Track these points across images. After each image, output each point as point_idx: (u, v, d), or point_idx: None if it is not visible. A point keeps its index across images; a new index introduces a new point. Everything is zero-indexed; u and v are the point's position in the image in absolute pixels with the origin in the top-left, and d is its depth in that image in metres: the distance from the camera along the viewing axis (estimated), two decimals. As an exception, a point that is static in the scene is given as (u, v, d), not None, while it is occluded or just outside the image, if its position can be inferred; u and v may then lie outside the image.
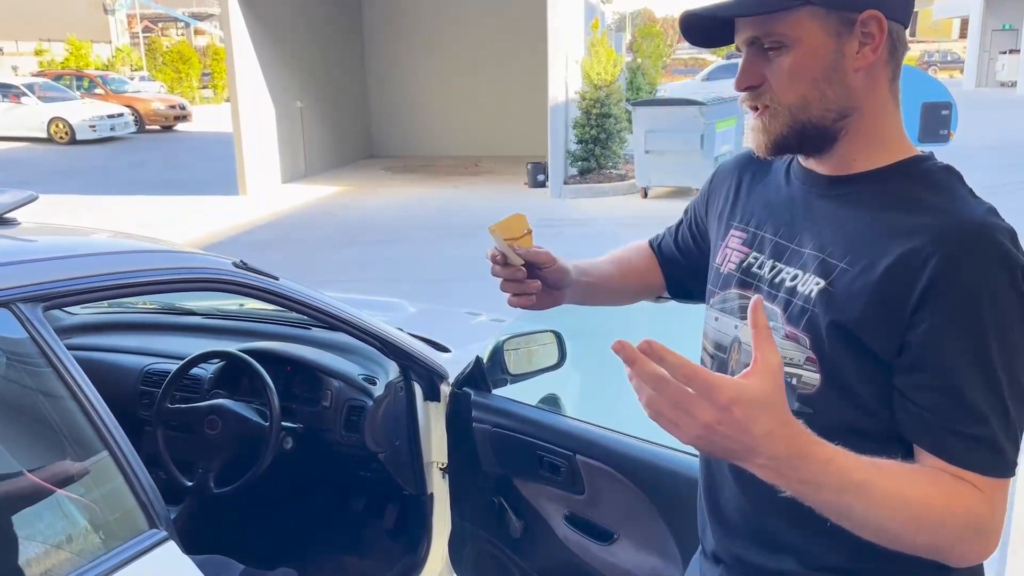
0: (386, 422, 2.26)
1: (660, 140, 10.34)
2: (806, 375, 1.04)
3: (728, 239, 1.23)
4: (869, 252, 1.00)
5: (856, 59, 1.02)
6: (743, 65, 1.08)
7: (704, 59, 41.43)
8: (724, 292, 1.20)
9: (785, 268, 1.10)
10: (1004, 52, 29.15)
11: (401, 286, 6.94)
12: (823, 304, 1.02)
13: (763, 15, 1.02)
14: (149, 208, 10.86)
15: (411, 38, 15.63)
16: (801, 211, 1.12)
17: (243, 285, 1.86)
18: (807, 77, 1.03)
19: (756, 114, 1.08)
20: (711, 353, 1.21)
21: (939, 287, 0.94)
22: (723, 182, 1.31)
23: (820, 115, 1.04)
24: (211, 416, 2.19)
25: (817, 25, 1.01)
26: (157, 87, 28.57)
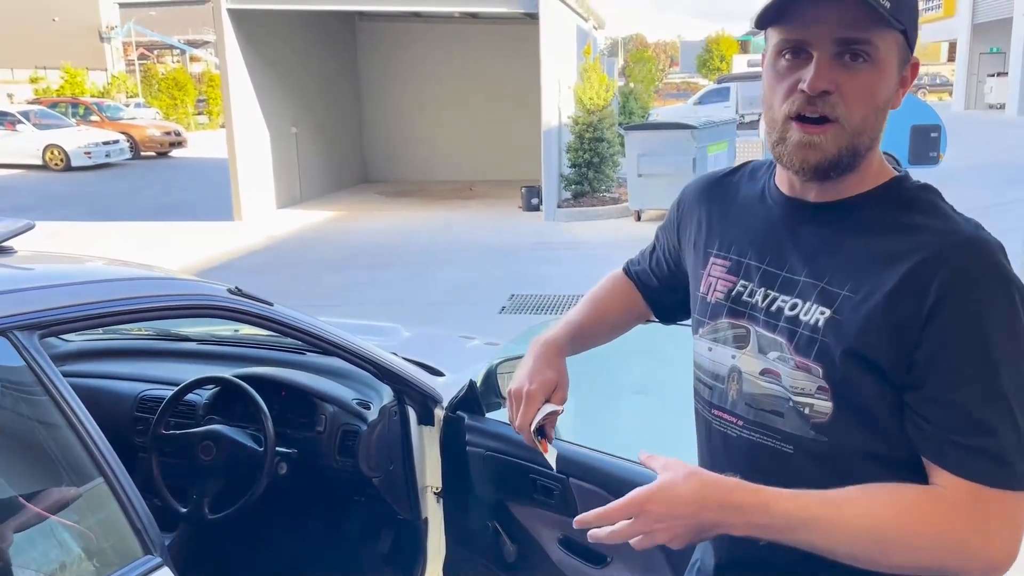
0: (380, 447, 2.27)
1: (653, 164, 10.42)
2: (818, 404, 1.05)
3: (710, 267, 1.22)
4: (870, 278, 1.01)
5: (895, 96, 1.05)
6: (821, 64, 0.99)
7: (696, 83, 41.79)
8: (714, 322, 1.19)
9: (780, 296, 1.10)
10: (992, 75, 29.46)
11: (396, 310, 6.95)
12: (834, 333, 1.03)
13: (869, 22, 0.97)
14: (145, 234, 10.87)
15: (405, 63, 15.76)
16: (787, 237, 1.12)
17: (238, 311, 1.88)
18: (876, 102, 1.02)
19: (811, 128, 1.02)
20: (707, 383, 1.21)
21: (944, 305, 0.96)
22: (692, 208, 1.30)
23: (864, 143, 1.04)
24: (205, 442, 2.19)
25: (897, 54, 1.02)
26: (152, 114, 28.69)
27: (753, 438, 1.13)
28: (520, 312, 6.81)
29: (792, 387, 1.07)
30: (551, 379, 1.30)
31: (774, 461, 1.10)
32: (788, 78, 1.03)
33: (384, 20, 15.33)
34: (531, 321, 6.48)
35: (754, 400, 1.12)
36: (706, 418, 1.22)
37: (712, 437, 1.21)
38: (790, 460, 1.09)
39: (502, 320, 6.60)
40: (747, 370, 1.13)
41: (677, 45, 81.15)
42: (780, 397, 1.08)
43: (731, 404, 1.16)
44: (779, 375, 1.08)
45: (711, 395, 1.20)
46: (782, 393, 1.08)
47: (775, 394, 1.09)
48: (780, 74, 1.05)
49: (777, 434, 1.09)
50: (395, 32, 15.59)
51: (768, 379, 1.10)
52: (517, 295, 7.27)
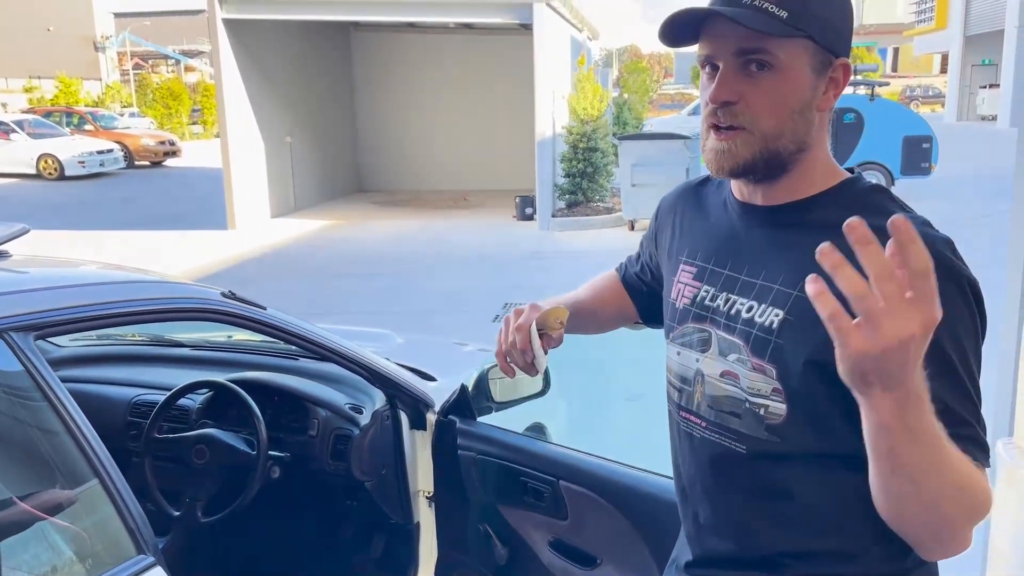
0: (372, 451, 2.28)
1: (646, 173, 10.46)
2: (773, 405, 1.07)
3: (679, 274, 1.25)
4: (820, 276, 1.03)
5: (822, 100, 1.08)
6: (724, 77, 1.05)
7: (690, 94, 41.95)
8: (682, 327, 1.22)
9: (739, 299, 1.13)
10: (984, 87, 29.65)
11: (389, 318, 6.96)
12: (788, 334, 1.05)
13: (763, 32, 1.01)
14: (139, 242, 10.87)
15: (400, 73, 15.81)
16: (745, 243, 1.15)
17: (231, 315, 1.89)
18: (786, 106, 1.06)
19: (722, 135, 1.07)
20: (677, 386, 1.24)
21: None
22: (667, 216, 1.35)
23: (785, 146, 1.07)
24: (199, 446, 2.21)
25: (806, 59, 1.05)
26: (147, 123, 28.69)
27: (713, 439, 1.16)
28: (514, 320, 6.82)
29: (749, 388, 1.09)
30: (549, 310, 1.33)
31: (730, 461, 1.13)
32: (706, 91, 1.09)
33: (379, 30, 15.40)
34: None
35: (715, 402, 1.15)
36: (676, 420, 1.25)
37: (680, 438, 1.24)
38: (744, 460, 1.12)
39: (496, 328, 6.55)
40: (709, 373, 1.16)
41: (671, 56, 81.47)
42: (738, 399, 1.11)
43: (696, 406, 1.19)
44: (737, 377, 1.11)
45: (680, 398, 1.23)
46: (739, 395, 1.11)
47: (733, 396, 1.12)
48: (703, 87, 1.11)
49: (734, 435, 1.12)
50: (390, 42, 15.66)
51: (727, 381, 1.13)
52: (511, 303, 7.28)
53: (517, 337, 1.29)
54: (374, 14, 12.33)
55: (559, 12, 12.37)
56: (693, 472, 1.22)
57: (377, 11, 12.05)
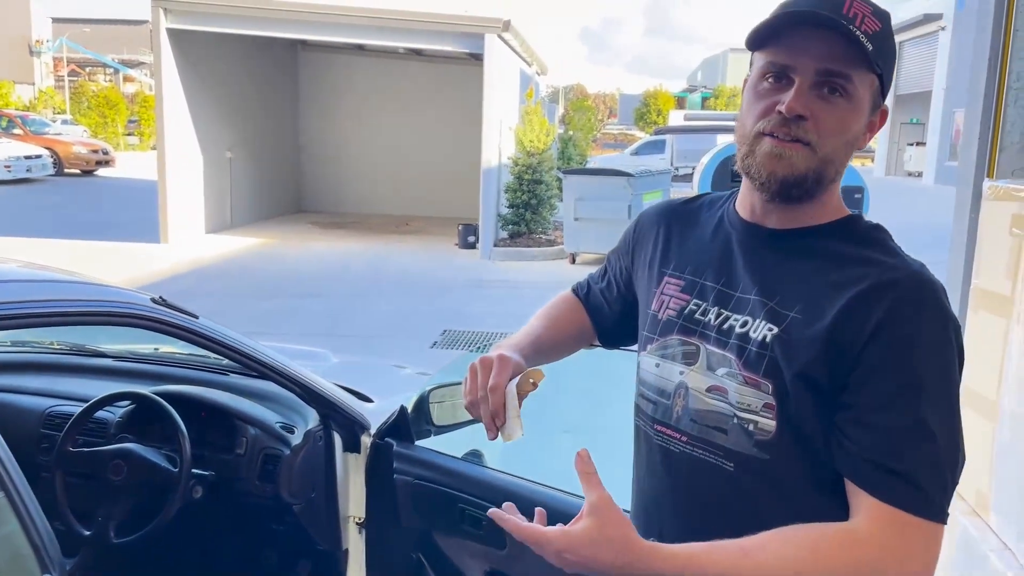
0: (303, 473, 2.18)
1: (589, 208, 10.57)
2: (763, 421, 1.06)
3: (663, 286, 1.23)
4: (819, 302, 1.05)
5: (861, 139, 1.10)
6: (801, 91, 1.04)
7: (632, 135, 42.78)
8: (664, 338, 1.20)
9: (733, 315, 1.12)
10: (911, 144, 30.95)
11: (323, 340, 6.79)
12: (781, 351, 1.05)
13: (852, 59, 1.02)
14: (64, 252, 10.47)
15: (346, 95, 15.72)
16: (743, 260, 1.15)
17: (159, 322, 1.79)
18: (847, 135, 1.07)
19: (783, 143, 1.05)
20: (651, 399, 1.21)
21: (883, 330, 0.99)
22: (649, 230, 1.33)
23: (830, 172, 1.08)
24: (115, 461, 2.07)
25: (869, 95, 1.07)
26: (80, 131, 27.88)
27: (695, 454, 1.13)
28: (452, 347, 6.75)
29: (739, 403, 1.08)
30: (520, 363, 1.22)
31: (715, 477, 1.11)
32: (767, 99, 1.07)
33: (327, 51, 15.30)
34: (463, 356, 6.42)
35: (699, 416, 1.13)
36: (647, 433, 1.21)
37: (652, 452, 1.21)
38: (731, 477, 1.09)
39: (434, 355, 6.52)
40: (694, 386, 1.14)
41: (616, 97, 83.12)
42: (725, 414, 1.09)
43: (675, 420, 1.16)
44: (726, 391, 1.10)
45: (655, 411, 1.20)
46: (727, 410, 1.09)
47: (720, 411, 1.10)
48: (760, 94, 1.09)
49: (719, 450, 1.10)
50: (338, 64, 15.57)
51: (714, 395, 1.11)
52: (450, 330, 7.21)
53: (491, 398, 1.17)
54: (322, 34, 12.24)
55: (510, 44, 12.47)
56: (664, 487, 1.18)
57: (325, 31, 11.97)
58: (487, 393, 1.17)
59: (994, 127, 2.37)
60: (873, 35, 1.03)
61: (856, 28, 1.02)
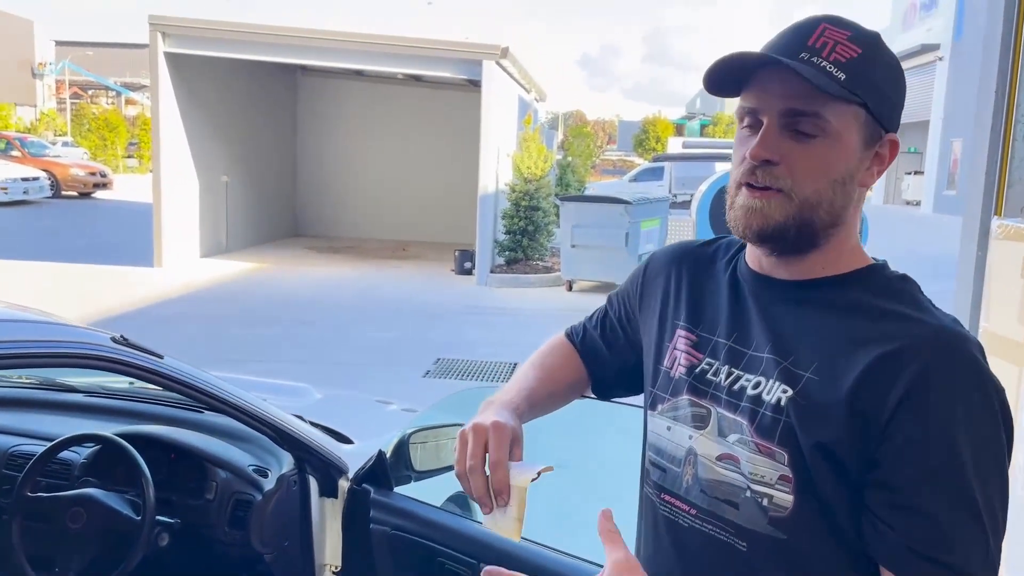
0: (275, 519, 2.06)
1: (586, 235, 10.49)
2: (778, 495, 0.95)
3: (676, 340, 1.12)
4: (836, 362, 0.94)
5: (864, 174, 1.00)
6: (767, 134, 0.96)
7: (631, 161, 42.94)
8: (675, 399, 1.09)
9: (744, 375, 1.02)
10: (909, 173, 31.02)
11: (314, 368, 6.69)
12: (797, 416, 0.94)
13: (817, 94, 0.93)
14: (57, 275, 10.37)
15: (345, 120, 15.71)
16: (756, 316, 1.04)
17: (121, 363, 1.69)
18: (830, 175, 0.97)
19: (756, 193, 0.98)
20: (660, 465, 1.10)
21: (911, 401, 0.89)
22: (658, 275, 1.21)
23: (822, 218, 0.98)
24: (75, 507, 1.96)
25: (856, 128, 0.97)
26: (80, 153, 27.92)
27: (706, 530, 1.02)
28: (445, 376, 6.62)
29: (751, 474, 0.97)
30: (516, 429, 1.07)
31: (726, 557, 1.00)
32: (744, 146, 1.00)
33: (326, 76, 15.31)
34: (455, 386, 6.31)
35: (709, 487, 1.02)
36: (654, 503, 1.10)
37: (659, 525, 1.09)
38: (744, 558, 0.98)
39: (426, 384, 6.40)
40: (703, 453, 1.03)
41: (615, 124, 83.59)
42: (737, 486, 0.99)
43: (684, 490, 1.05)
44: (738, 460, 0.99)
45: (663, 478, 1.09)
46: (740, 481, 0.98)
47: (732, 482, 0.99)
48: (740, 141, 1.01)
49: (731, 527, 0.99)
50: (336, 88, 15.57)
51: (726, 464, 1.00)
52: (443, 359, 7.09)
53: (492, 476, 1.01)
54: (322, 59, 12.23)
55: (508, 71, 12.46)
56: (672, 564, 1.06)
57: (325, 57, 11.96)
58: (477, 464, 1.02)
59: (1001, 161, 2.28)
60: (848, 63, 0.94)
61: (822, 59, 0.93)
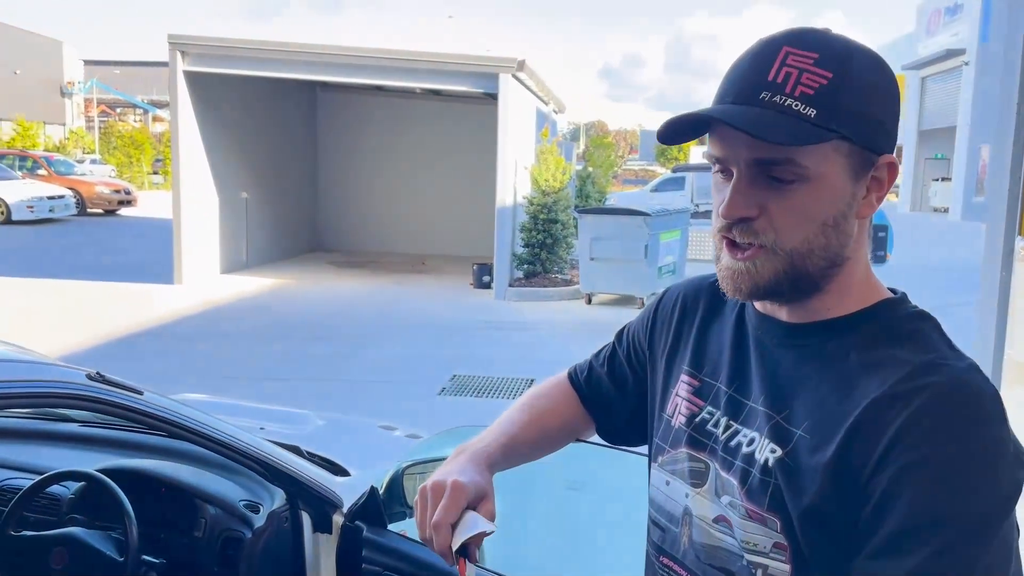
0: (266, 558, 1.99)
1: (605, 248, 10.38)
2: (773, 565, 0.86)
3: (678, 386, 1.03)
4: (830, 418, 0.84)
5: (862, 205, 0.88)
6: (738, 188, 0.86)
7: (654, 171, 42.77)
8: (675, 451, 1.00)
9: (742, 430, 0.92)
10: (936, 179, 30.59)
11: (328, 386, 6.65)
12: (785, 480, 0.85)
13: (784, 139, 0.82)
14: (78, 293, 10.44)
15: (364, 135, 15.75)
16: (755, 363, 0.95)
17: (98, 401, 1.62)
18: (818, 220, 0.86)
19: (739, 254, 0.88)
20: (660, 524, 1.01)
21: (896, 452, 0.78)
22: (669, 314, 1.11)
23: (817, 263, 0.88)
24: (58, 548, 1.89)
25: (842, 162, 0.86)
26: (107, 171, 28.28)
27: None
28: (461, 394, 6.54)
29: (744, 541, 0.88)
30: (480, 485, 1.02)
31: None
32: (720, 193, 0.90)
33: (345, 92, 15.36)
34: (472, 404, 6.22)
35: (705, 552, 0.93)
36: (655, 565, 1.02)
37: None
38: None
39: (441, 402, 6.32)
40: (699, 514, 0.95)
41: (637, 133, 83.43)
42: (734, 552, 0.90)
43: (682, 553, 0.97)
44: (732, 525, 0.90)
45: (662, 539, 1.01)
46: (736, 548, 0.89)
47: (728, 548, 0.90)
48: (715, 187, 0.92)
49: None
50: (356, 104, 15.61)
51: (722, 528, 0.91)
52: (459, 375, 7.01)
53: (435, 537, 0.97)
54: (340, 75, 12.25)
55: (525, 84, 12.42)
56: None
57: (343, 73, 11.98)
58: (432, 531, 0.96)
59: (1026, 176, 2.16)
60: (818, 93, 0.82)
61: (786, 96, 0.82)
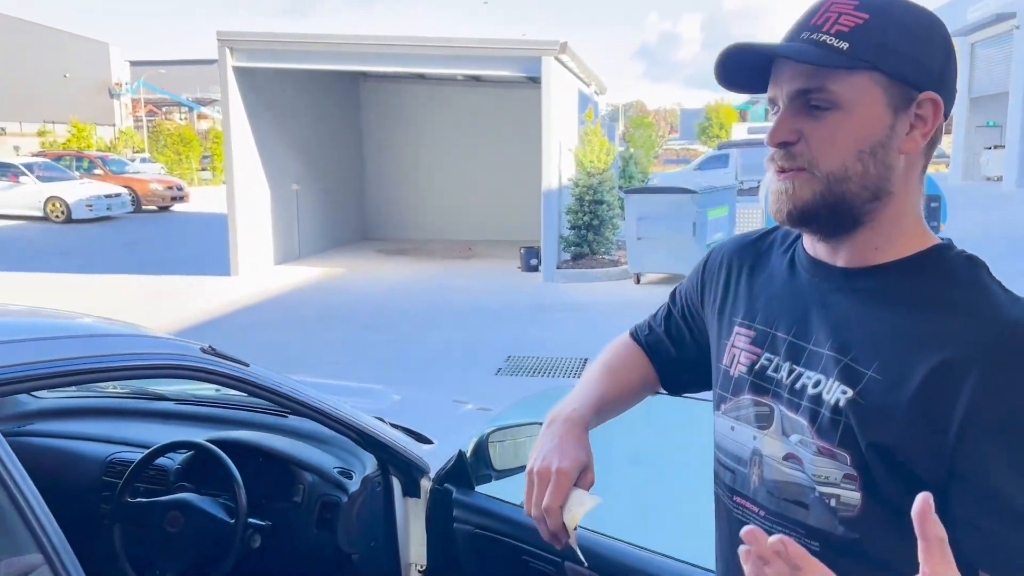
0: (361, 520, 2.11)
1: (652, 227, 10.38)
2: (845, 495, 0.93)
3: (733, 337, 1.11)
4: (899, 360, 0.91)
5: (905, 141, 0.95)
6: (780, 118, 0.97)
7: (695, 150, 42.32)
8: (737, 398, 1.08)
9: (805, 372, 0.99)
10: (988, 147, 29.77)
11: (389, 370, 6.81)
12: (856, 418, 0.92)
13: (819, 68, 0.92)
14: (141, 287, 10.78)
15: (408, 123, 15.90)
16: (814, 307, 1.01)
17: (210, 372, 1.75)
18: (853, 147, 0.94)
19: (783, 176, 0.98)
20: (729, 466, 1.09)
21: (984, 407, 0.85)
22: (718, 271, 1.20)
23: (856, 191, 0.95)
24: (173, 512, 2.04)
25: (878, 94, 0.93)
26: (157, 168, 28.93)
27: (776, 531, 1.00)
28: (517, 374, 6.66)
29: (815, 476, 0.95)
30: (581, 459, 1.11)
31: None
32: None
33: (388, 81, 15.52)
34: (528, 383, 6.34)
35: (776, 488, 1.01)
36: (727, 505, 1.10)
37: (732, 527, 1.08)
38: (818, 559, 0.96)
39: (499, 382, 6.45)
40: (769, 453, 1.02)
41: (677, 113, 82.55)
42: (805, 486, 0.97)
43: (753, 491, 1.04)
44: (802, 462, 0.97)
45: (732, 480, 1.08)
46: (807, 481, 0.97)
47: (799, 482, 0.98)
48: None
49: (801, 528, 0.98)
50: (399, 92, 15.77)
51: (792, 465, 0.99)
52: (514, 357, 7.13)
53: (547, 520, 1.08)
54: (383, 65, 12.41)
55: (567, 66, 12.44)
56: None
57: (386, 62, 12.13)
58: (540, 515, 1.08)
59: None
60: (852, 30, 0.92)
61: (822, 34, 0.92)
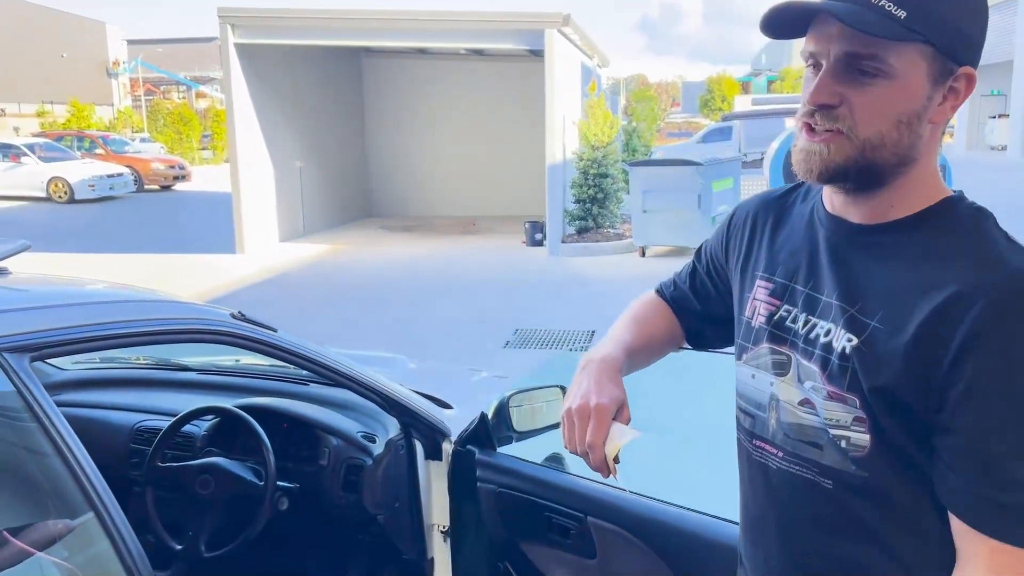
0: (386, 482, 2.17)
1: (657, 200, 10.38)
2: (855, 436, 0.99)
3: (755, 290, 1.16)
4: (902, 310, 0.95)
5: (936, 111, 0.98)
6: (823, 79, 0.97)
7: (697, 123, 42.14)
8: (756, 348, 1.13)
9: (819, 323, 1.04)
10: (993, 117, 29.61)
11: (398, 344, 6.85)
12: (860, 365, 0.97)
13: (875, 36, 0.92)
14: (147, 266, 10.82)
15: (410, 98, 15.84)
16: (829, 260, 1.06)
17: (240, 337, 1.80)
18: (893, 116, 0.96)
19: (815, 137, 0.99)
20: (749, 412, 1.15)
21: (975, 345, 0.89)
22: (742, 227, 1.24)
23: (887, 158, 0.98)
24: (203, 475, 2.10)
25: (924, 67, 0.95)
26: (158, 148, 28.86)
27: (793, 470, 1.07)
28: (525, 347, 6.71)
29: (827, 419, 1.01)
30: (618, 396, 1.15)
31: (814, 496, 1.04)
32: (808, 88, 1.01)
33: (390, 56, 15.45)
34: (537, 355, 6.39)
35: (792, 430, 1.07)
36: (747, 449, 1.16)
37: (752, 468, 1.15)
38: (831, 496, 1.03)
39: (507, 354, 6.50)
40: (785, 399, 1.07)
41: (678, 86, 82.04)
42: (819, 428, 1.03)
43: (771, 434, 1.10)
44: (815, 406, 1.03)
45: (752, 424, 1.14)
46: (820, 424, 1.02)
47: (814, 425, 1.03)
48: (805, 81, 1.03)
49: (815, 467, 1.04)
50: (401, 68, 15.70)
51: (807, 409, 1.04)
52: (522, 329, 7.18)
53: (591, 456, 1.12)
54: (385, 40, 12.35)
55: (570, 39, 12.37)
56: (766, 506, 1.12)
57: (388, 37, 12.07)
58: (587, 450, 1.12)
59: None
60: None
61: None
